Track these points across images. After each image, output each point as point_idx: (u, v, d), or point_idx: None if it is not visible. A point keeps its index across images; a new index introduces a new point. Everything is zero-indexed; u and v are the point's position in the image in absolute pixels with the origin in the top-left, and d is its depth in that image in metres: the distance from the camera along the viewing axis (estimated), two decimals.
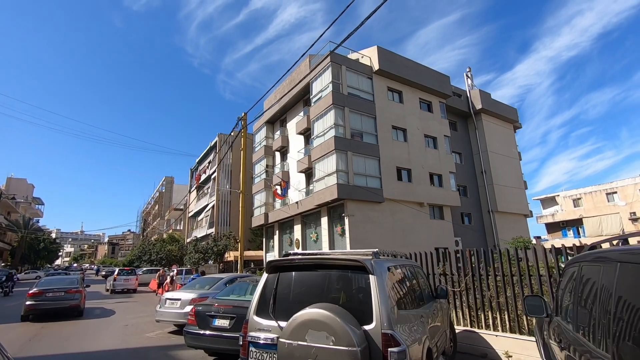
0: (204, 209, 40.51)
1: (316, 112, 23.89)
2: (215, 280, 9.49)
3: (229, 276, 9.71)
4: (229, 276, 9.71)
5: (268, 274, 3.76)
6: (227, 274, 11.64)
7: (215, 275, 10.70)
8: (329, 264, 3.48)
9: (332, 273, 3.49)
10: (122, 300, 18.31)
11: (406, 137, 25.79)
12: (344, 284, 3.43)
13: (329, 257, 3.52)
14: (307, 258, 3.66)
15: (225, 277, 9.64)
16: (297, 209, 25.50)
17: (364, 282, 3.22)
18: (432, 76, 28.18)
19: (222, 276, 9.93)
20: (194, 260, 29.92)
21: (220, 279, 9.57)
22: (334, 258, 3.49)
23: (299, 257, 3.73)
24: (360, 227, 21.63)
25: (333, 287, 3.46)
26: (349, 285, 3.37)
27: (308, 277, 3.61)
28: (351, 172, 21.91)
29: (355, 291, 3.31)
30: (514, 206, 31.96)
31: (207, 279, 10.07)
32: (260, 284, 3.71)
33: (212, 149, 41.44)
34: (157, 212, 73.37)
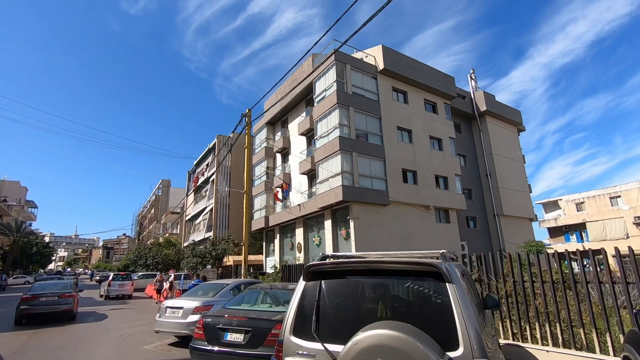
0: (202, 212, 39.59)
1: (319, 112, 23.21)
2: (220, 287, 8.69)
3: (234, 282, 8.91)
4: (234, 282, 8.91)
5: (306, 282, 2.98)
6: (231, 279, 10.80)
7: (219, 281, 9.88)
8: (388, 269, 2.73)
9: (392, 281, 2.75)
10: (116, 306, 17.38)
11: (411, 138, 25.16)
12: (411, 296, 2.66)
13: (389, 260, 2.72)
14: (359, 261, 2.88)
15: (231, 283, 8.84)
16: (300, 212, 24.73)
17: (440, 293, 2.45)
18: (436, 77, 27.65)
19: (227, 282, 9.13)
20: (192, 265, 28.97)
21: (225, 285, 8.76)
22: (396, 261, 2.70)
23: (348, 261, 2.94)
24: (365, 230, 20.89)
25: (397, 300, 2.73)
26: (419, 297, 2.62)
27: (360, 285, 2.86)
28: (356, 173, 21.21)
29: (428, 305, 2.56)
30: (519, 210, 31.37)
31: (211, 285, 9.25)
32: (297, 294, 2.93)
33: (210, 151, 40.61)
34: (153, 215, 72.14)
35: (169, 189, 70.79)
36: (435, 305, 2.46)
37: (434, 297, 2.48)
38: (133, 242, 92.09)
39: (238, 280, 9.20)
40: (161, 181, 71.33)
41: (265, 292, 6.47)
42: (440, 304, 2.40)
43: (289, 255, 27.41)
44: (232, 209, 36.29)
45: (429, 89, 27.19)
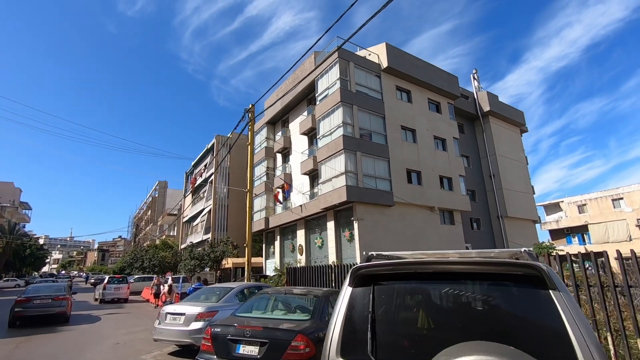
0: (200, 213, 38.87)
1: (322, 110, 22.67)
2: (224, 291, 8.06)
3: (239, 286, 8.28)
4: (239, 286, 8.28)
5: (354, 288, 2.34)
6: (235, 283, 10.16)
7: (222, 285, 9.24)
8: (466, 272, 2.12)
9: (470, 286, 2.14)
10: (112, 311, 16.67)
11: (415, 138, 24.66)
12: (502, 306, 2.04)
13: (469, 261, 2.08)
14: (425, 261, 2.27)
15: (236, 287, 8.21)
16: (301, 213, 24.12)
17: (543, 304, 1.85)
18: (440, 76, 27.21)
19: (231, 286, 8.50)
20: (190, 267, 28.24)
21: (229, 289, 8.14)
22: (478, 262, 2.06)
23: (410, 261, 2.31)
24: (370, 232, 20.31)
25: (479, 312, 2.10)
26: (514, 309, 2.00)
27: (427, 293, 2.28)
28: (360, 173, 20.65)
29: (527, 320, 1.93)
30: (523, 211, 30.93)
31: (214, 289, 8.62)
32: (342, 303, 2.28)
33: (208, 151, 39.93)
34: (150, 217, 71.23)
35: (165, 190, 69.97)
36: (537, 320, 1.84)
37: (534, 309, 1.87)
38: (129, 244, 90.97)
39: (243, 284, 8.58)
40: (158, 182, 70.51)
41: (276, 298, 5.86)
42: (546, 318, 1.79)
43: (290, 258, 26.76)
44: (231, 211, 35.61)
45: (433, 88, 26.74)
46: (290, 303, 5.57)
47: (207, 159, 40.12)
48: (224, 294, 7.84)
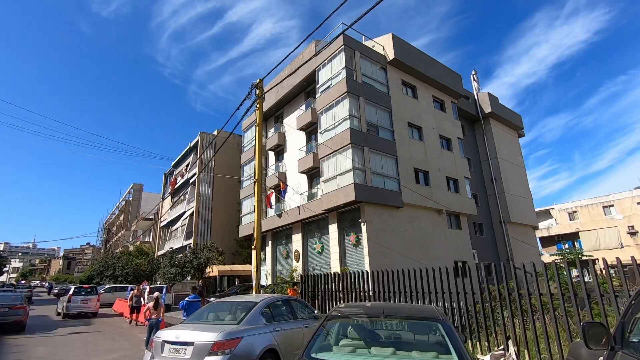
0: (180, 217, 35.77)
1: (325, 102, 20.70)
2: (244, 307, 5.77)
3: (265, 300, 6.01)
4: (265, 300, 6.01)
5: None
6: (253, 295, 7.81)
7: (235, 299, 6.89)
8: None
9: None
10: (78, 328, 13.80)
11: (422, 136, 23.08)
12: None
13: None
14: None
15: (260, 300, 5.94)
16: (299, 215, 21.90)
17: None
18: (445, 73, 25.91)
19: (250, 299, 6.22)
20: (170, 276, 25.26)
21: (251, 304, 5.85)
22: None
23: None
24: (379, 235, 18.34)
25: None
26: None
27: None
28: (368, 170, 18.74)
29: None
30: (524, 217, 29.92)
31: (224, 305, 6.30)
32: None
33: (191, 150, 37.04)
34: (123, 222, 66.56)
35: (140, 193, 65.77)
36: None
37: None
38: (98, 252, 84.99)
39: (268, 297, 6.28)
40: (132, 185, 66.20)
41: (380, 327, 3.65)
42: None
43: (283, 265, 24.38)
44: (215, 214, 32.82)
45: (438, 85, 25.38)
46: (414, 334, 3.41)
47: (189, 158, 37.21)
48: (244, 311, 5.56)
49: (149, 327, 8.81)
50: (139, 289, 13.79)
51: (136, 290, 13.59)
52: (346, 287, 10.26)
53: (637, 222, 37.15)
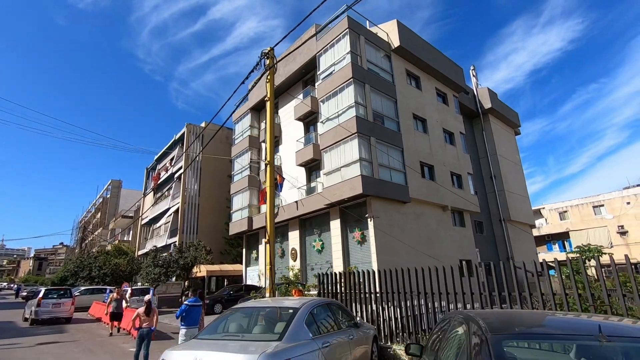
0: (164, 214, 33.57)
1: (327, 89, 19.30)
2: (283, 315, 4.28)
3: (307, 304, 4.52)
4: (307, 304, 4.52)
5: None
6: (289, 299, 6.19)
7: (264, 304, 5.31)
8: None
9: None
10: (49, 337, 11.88)
11: (426, 128, 22.00)
12: None
13: None
14: None
15: (301, 305, 4.45)
16: (297, 211, 20.39)
17: None
18: (448, 65, 24.97)
19: (289, 304, 4.69)
20: (154, 276, 23.25)
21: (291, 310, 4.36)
22: None
23: None
24: (387, 232, 17.06)
25: None
26: None
27: None
28: (375, 162, 17.46)
29: None
30: (522, 215, 29.36)
31: (250, 312, 4.78)
32: None
33: (176, 142, 34.88)
34: (100, 221, 63.11)
35: (119, 190, 62.60)
36: None
37: None
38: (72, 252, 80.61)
39: (306, 300, 4.76)
40: (111, 181, 62.93)
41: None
42: None
43: (278, 265, 22.77)
44: (202, 210, 30.85)
45: (441, 78, 24.40)
46: None
47: (174, 152, 35.04)
48: (284, 321, 4.07)
49: (138, 339, 7.15)
50: (120, 292, 11.95)
51: (116, 294, 11.74)
52: (353, 288, 8.96)
53: (626, 221, 37.44)
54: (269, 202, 8.45)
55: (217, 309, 17.61)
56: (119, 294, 11.81)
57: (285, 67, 23.36)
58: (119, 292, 11.97)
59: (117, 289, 11.98)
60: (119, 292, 11.92)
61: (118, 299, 11.69)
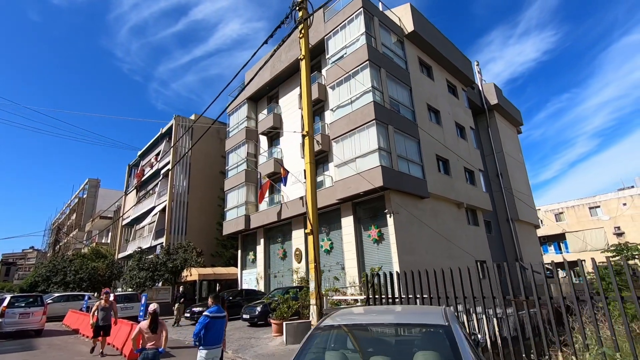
0: (149, 213, 30.95)
1: (337, 74, 17.62)
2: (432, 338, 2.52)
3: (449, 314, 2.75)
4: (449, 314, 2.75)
5: None
6: (411, 308, 4.31)
7: (387, 316, 3.40)
8: None
9: None
10: (15, 357, 9.61)
11: (440, 120, 20.65)
12: None
13: None
14: None
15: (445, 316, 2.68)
16: (302, 208, 18.53)
17: None
18: (457, 56, 23.79)
19: (423, 317, 2.88)
20: (139, 281, 20.84)
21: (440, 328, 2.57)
22: None
23: None
24: (405, 230, 15.46)
25: None
26: None
27: None
28: (394, 153, 15.86)
29: None
30: (528, 215, 28.45)
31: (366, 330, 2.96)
32: None
33: (163, 136, 32.38)
34: (75, 222, 59.15)
35: (97, 190, 58.94)
36: None
37: None
38: (44, 256, 75.51)
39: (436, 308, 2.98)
40: (88, 180, 59.17)
41: None
42: None
43: (279, 267, 20.86)
44: (192, 209, 28.51)
45: (451, 69, 23.18)
46: None
47: (160, 146, 32.54)
48: (439, 347, 2.30)
49: None
50: (108, 299, 9.73)
51: (104, 301, 9.54)
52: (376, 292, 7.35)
53: (623, 222, 37.37)
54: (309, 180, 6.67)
55: None
56: (107, 302, 9.61)
57: (287, 52, 21.58)
58: (107, 300, 9.77)
59: (105, 295, 9.76)
60: (107, 299, 9.71)
61: (106, 307, 9.51)
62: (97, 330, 8.99)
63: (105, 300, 9.42)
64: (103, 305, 9.38)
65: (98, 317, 9.03)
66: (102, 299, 9.47)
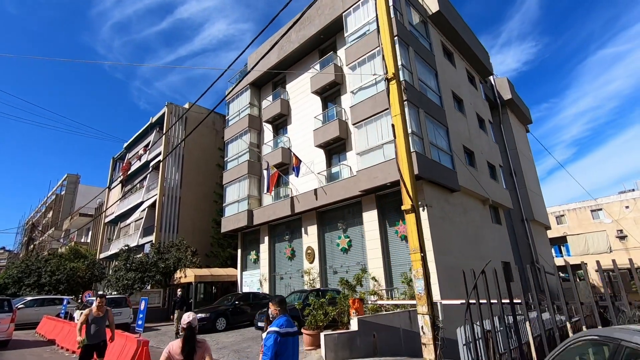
0: (136, 209, 28.32)
1: (359, 53, 15.84)
2: None
3: None
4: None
5: None
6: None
7: None
8: None
9: None
10: None
11: (463, 110, 19.13)
12: None
13: None
14: None
15: None
16: (315, 201, 16.61)
17: None
18: (477, 45, 22.42)
19: None
20: (127, 282, 18.39)
21: None
22: None
23: None
24: (439, 226, 13.73)
25: None
26: None
27: None
28: (426, 139, 14.15)
29: None
30: (541, 215, 27.33)
31: None
32: None
33: (153, 126, 29.84)
34: (51, 220, 55.28)
35: (77, 186, 55.38)
36: None
37: None
38: (16, 257, 70.61)
39: None
40: (67, 176, 55.51)
41: None
42: None
43: (286, 268, 18.81)
44: (184, 205, 26.12)
45: (471, 58, 21.79)
46: None
47: (149, 137, 30.00)
48: None
49: None
50: (103, 306, 7.15)
51: (97, 309, 7.03)
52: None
53: (625, 225, 36.82)
54: (401, 138, 4.86)
55: (220, 325, 13.32)
56: (101, 310, 6.66)
57: (298, 32, 19.71)
58: (102, 306, 6.72)
59: (100, 299, 6.75)
60: (101, 305, 6.71)
61: (100, 317, 6.60)
62: (88, 351, 6.61)
63: (98, 308, 6.68)
64: (95, 314, 6.58)
65: (88, 331, 6.72)
66: (95, 305, 7.11)
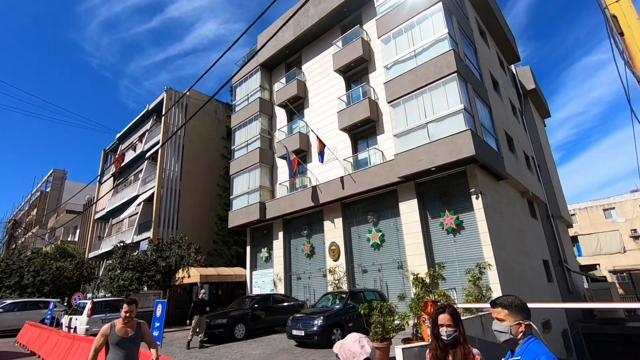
0: (130, 203, 25.95)
1: (392, 24, 14.03)
2: None
3: None
4: None
5: None
6: None
7: None
8: None
9: None
10: None
11: (500, 93, 17.44)
12: None
13: None
14: None
15: None
16: (342, 191, 14.67)
17: None
18: (507, 28, 20.82)
19: None
20: (123, 283, 16.15)
21: None
22: None
23: None
24: (493, 218, 11.93)
25: None
26: None
27: None
28: (477, 117, 12.38)
29: None
30: (565, 212, 25.88)
31: None
32: None
33: (149, 114, 27.52)
34: (36, 218, 52.16)
35: (63, 182, 52.40)
36: None
37: None
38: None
39: None
40: (52, 171, 52.50)
41: None
42: None
43: (305, 266, 16.80)
44: (184, 200, 23.90)
45: (501, 41, 20.19)
46: None
47: (145, 126, 27.68)
48: None
49: None
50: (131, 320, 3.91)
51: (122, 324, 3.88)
52: None
53: (639, 225, 35.80)
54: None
55: (238, 333, 11.25)
56: (130, 324, 3.95)
57: (317, 5, 17.80)
58: (132, 318, 3.96)
59: (127, 307, 3.89)
60: (129, 318, 3.93)
61: (129, 337, 3.87)
62: None
63: (126, 322, 3.93)
64: (121, 332, 3.87)
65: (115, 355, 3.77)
66: (122, 318, 3.93)
